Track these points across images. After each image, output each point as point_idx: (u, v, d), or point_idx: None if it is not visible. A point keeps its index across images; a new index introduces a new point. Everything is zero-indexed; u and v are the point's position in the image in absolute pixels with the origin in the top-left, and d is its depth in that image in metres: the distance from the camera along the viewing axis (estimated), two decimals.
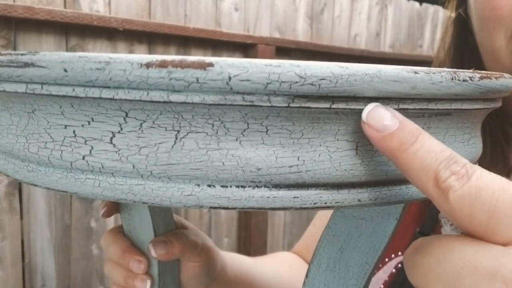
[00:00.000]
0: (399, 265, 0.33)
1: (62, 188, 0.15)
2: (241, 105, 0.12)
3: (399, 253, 0.34)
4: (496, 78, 0.15)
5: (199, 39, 1.03)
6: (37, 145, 0.15)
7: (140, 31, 0.92)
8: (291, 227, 1.33)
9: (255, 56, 1.11)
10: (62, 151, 0.14)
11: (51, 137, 0.15)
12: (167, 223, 0.29)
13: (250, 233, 1.16)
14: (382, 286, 0.33)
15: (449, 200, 0.12)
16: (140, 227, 0.28)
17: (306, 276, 0.24)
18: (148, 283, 0.28)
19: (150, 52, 0.98)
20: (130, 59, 0.12)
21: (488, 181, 0.12)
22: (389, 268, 0.33)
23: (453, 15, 0.34)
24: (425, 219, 0.34)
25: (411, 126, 0.13)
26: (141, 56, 0.12)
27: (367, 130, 0.13)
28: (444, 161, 0.13)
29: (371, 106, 0.13)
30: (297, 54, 1.25)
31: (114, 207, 0.28)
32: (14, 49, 0.82)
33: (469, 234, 0.12)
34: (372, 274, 0.23)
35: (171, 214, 0.29)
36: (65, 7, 0.86)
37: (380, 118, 0.13)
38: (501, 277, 0.11)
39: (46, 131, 0.15)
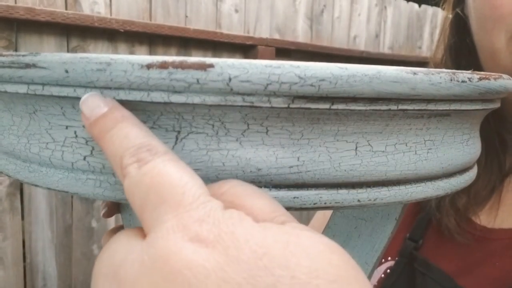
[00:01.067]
0: (388, 270, 0.32)
1: (63, 188, 0.15)
2: (241, 106, 0.12)
3: (389, 258, 0.33)
4: (494, 79, 0.15)
5: (200, 40, 1.03)
6: (38, 146, 0.15)
7: (140, 32, 0.93)
8: None
9: (255, 57, 1.11)
10: (63, 151, 0.14)
11: (52, 137, 0.15)
12: None
13: None
14: None
15: (124, 187, 0.12)
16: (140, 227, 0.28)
17: None
18: None
19: (150, 53, 0.98)
20: (131, 60, 0.12)
21: (158, 168, 0.11)
22: (378, 273, 0.33)
23: (450, 15, 0.34)
24: (415, 224, 0.33)
25: (117, 113, 0.12)
26: (142, 57, 0.12)
27: (82, 118, 0.13)
28: (133, 147, 0.12)
29: (86, 95, 0.12)
30: (297, 55, 1.25)
31: (115, 207, 0.28)
32: (16, 50, 0.83)
33: None
34: (372, 274, 0.23)
35: None
36: (66, 8, 0.86)
37: (91, 106, 0.12)
38: (119, 276, 0.10)
39: (47, 131, 0.15)
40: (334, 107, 0.13)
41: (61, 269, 0.91)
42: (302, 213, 1.34)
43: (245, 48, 1.13)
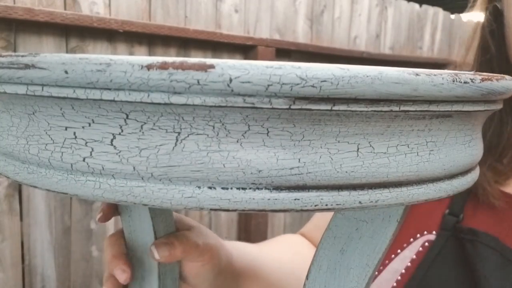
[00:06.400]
0: (426, 243, 0.34)
1: (63, 190, 0.15)
2: (242, 107, 0.12)
3: (425, 232, 0.34)
4: (497, 80, 0.15)
5: (199, 41, 1.03)
6: (38, 147, 0.15)
7: (140, 32, 0.93)
8: (291, 228, 1.33)
9: (255, 58, 1.11)
10: (62, 152, 0.14)
11: (51, 138, 0.15)
12: (167, 225, 0.29)
13: (250, 234, 1.16)
14: (409, 264, 0.33)
15: None
16: (140, 229, 0.28)
17: (307, 278, 0.24)
18: None
19: (150, 54, 0.98)
20: (130, 61, 0.12)
21: None
22: (415, 247, 0.34)
23: (483, 14, 0.34)
24: (453, 200, 0.35)
25: None
26: (142, 57, 0.12)
27: None
28: None
29: None
30: (297, 55, 1.25)
31: (111, 211, 0.28)
32: (15, 50, 0.82)
33: None
34: (373, 276, 0.23)
35: (171, 216, 0.29)
36: (65, 8, 0.86)
37: None
38: None
39: (46, 132, 0.15)
40: (336, 108, 0.13)
41: (60, 271, 0.91)
42: (302, 214, 1.34)
43: (245, 48, 1.13)
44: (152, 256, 0.27)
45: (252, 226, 1.16)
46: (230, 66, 0.11)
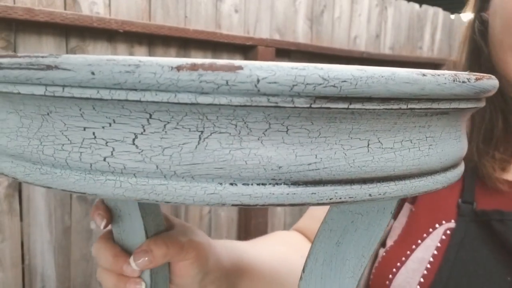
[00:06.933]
0: (448, 231, 0.35)
1: (80, 190, 0.15)
2: (266, 106, 0.13)
3: (443, 221, 0.36)
4: (487, 79, 0.16)
5: (199, 41, 1.03)
6: (53, 148, 0.15)
7: (140, 32, 0.92)
8: (291, 228, 1.33)
9: (255, 58, 1.11)
10: (81, 153, 0.14)
11: (68, 139, 0.15)
12: (158, 224, 0.28)
13: (250, 234, 1.16)
14: (435, 252, 0.35)
15: None
16: (130, 229, 0.27)
17: (303, 270, 0.25)
18: (143, 285, 0.27)
19: (150, 54, 0.98)
20: (160, 62, 0.12)
21: None
22: (436, 236, 0.36)
23: (472, 16, 0.36)
24: (464, 189, 0.37)
25: None
26: (171, 59, 0.12)
27: None
28: None
29: None
30: (297, 55, 1.25)
31: (110, 215, 0.27)
32: (15, 50, 0.82)
33: None
34: (367, 266, 0.23)
35: (161, 214, 0.29)
36: (65, 8, 0.86)
37: None
38: None
39: (62, 133, 0.15)
40: (352, 106, 0.13)
41: (60, 271, 0.91)
42: (302, 213, 1.34)
43: (245, 48, 1.13)
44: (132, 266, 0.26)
45: (252, 226, 1.16)
46: (257, 67, 0.12)
